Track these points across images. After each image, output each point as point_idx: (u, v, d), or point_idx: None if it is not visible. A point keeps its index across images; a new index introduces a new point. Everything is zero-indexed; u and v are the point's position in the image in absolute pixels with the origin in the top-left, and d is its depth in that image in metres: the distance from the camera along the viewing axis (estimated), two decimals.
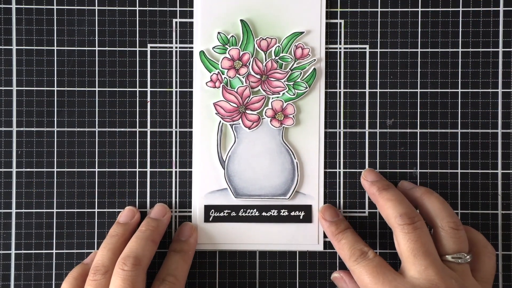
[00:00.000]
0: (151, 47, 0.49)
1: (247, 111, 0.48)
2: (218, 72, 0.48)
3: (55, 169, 0.49)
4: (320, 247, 0.49)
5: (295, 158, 0.48)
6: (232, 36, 0.48)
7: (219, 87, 0.48)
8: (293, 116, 0.48)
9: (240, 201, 0.48)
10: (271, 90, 0.48)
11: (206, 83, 0.48)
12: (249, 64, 0.48)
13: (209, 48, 0.48)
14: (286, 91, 0.48)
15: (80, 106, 0.49)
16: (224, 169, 0.48)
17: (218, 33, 0.48)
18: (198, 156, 0.48)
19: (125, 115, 0.49)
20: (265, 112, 0.48)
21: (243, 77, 0.48)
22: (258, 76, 0.48)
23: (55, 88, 0.49)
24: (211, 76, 0.48)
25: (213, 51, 0.48)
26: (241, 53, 0.48)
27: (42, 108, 0.49)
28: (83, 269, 0.46)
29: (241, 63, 0.48)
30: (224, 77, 0.48)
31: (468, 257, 0.43)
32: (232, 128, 0.48)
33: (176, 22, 0.49)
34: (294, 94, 0.48)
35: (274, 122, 0.48)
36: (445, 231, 0.43)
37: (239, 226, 0.48)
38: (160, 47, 0.49)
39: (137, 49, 0.49)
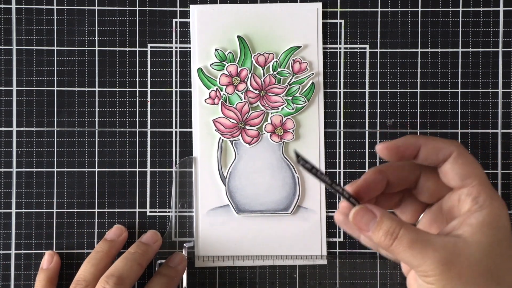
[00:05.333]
0: (151, 47, 0.49)
1: (247, 127, 0.48)
2: (217, 88, 0.48)
3: (55, 169, 0.49)
4: (323, 262, 0.49)
5: (296, 173, 0.48)
6: (230, 52, 0.48)
7: (218, 103, 0.48)
8: (293, 130, 0.48)
9: (242, 217, 0.48)
10: (270, 105, 0.48)
11: (205, 100, 0.48)
12: (247, 80, 0.48)
13: (207, 65, 0.48)
14: (285, 106, 0.48)
15: (80, 106, 0.49)
16: (225, 185, 0.48)
17: (216, 49, 0.48)
18: (199, 172, 0.48)
19: (125, 115, 0.49)
20: (265, 128, 0.48)
21: (241, 93, 0.48)
22: (257, 92, 0.48)
23: (55, 88, 0.49)
24: (209, 93, 0.48)
25: (211, 68, 0.48)
26: (239, 69, 0.48)
27: (42, 108, 0.49)
28: (47, 275, 0.46)
29: (239, 79, 0.48)
30: (223, 94, 0.48)
31: None
32: (232, 144, 0.48)
33: (176, 22, 0.49)
34: (293, 109, 0.48)
35: (274, 137, 0.48)
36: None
37: (240, 239, 0.48)
38: (160, 47, 0.49)
39: (137, 49, 0.49)
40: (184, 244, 0.48)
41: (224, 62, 0.48)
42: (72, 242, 0.48)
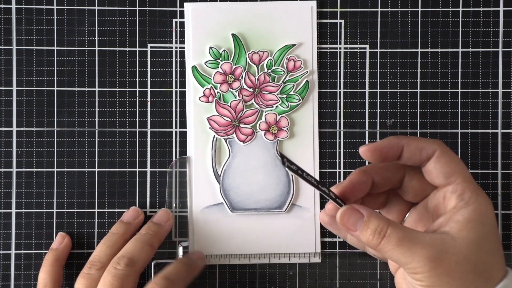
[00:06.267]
0: (151, 47, 0.49)
1: (241, 125, 0.48)
2: (211, 86, 0.48)
3: (55, 169, 0.49)
4: (317, 259, 0.49)
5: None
6: (224, 50, 0.48)
7: (212, 101, 0.48)
8: (287, 128, 0.48)
9: (236, 215, 0.48)
10: (264, 103, 0.48)
11: (199, 98, 0.48)
12: (242, 78, 0.48)
13: (201, 63, 0.48)
14: (280, 104, 0.48)
15: (80, 106, 0.49)
16: (219, 183, 0.48)
17: (210, 47, 0.48)
18: (193, 171, 0.48)
19: (125, 115, 0.49)
20: (259, 126, 0.48)
21: (236, 91, 0.48)
22: (251, 90, 0.48)
23: (55, 88, 0.49)
24: (204, 91, 0.48)
25: (205, 66, 0.48)
26: (234, 67, 0.48)
27: (42, 108, 0.49)
28: (54, 255, 0.46)
29: (233, 77, 0.48)
30: (217, 92, 0.48)
31: None
32: (226, 142, 0.48)
33: (176, 22, 0.49)
34: (287, 107, 0.48)
35: (268, 135, 0.48)
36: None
37: (235, 237, 0.48)
38: (160, 47, 0.49)
39: (137, 49, 0.49)
40: (180, 243, 0.48)
41: (218, 60, 0.48)
42: (72, 242, 0.48)
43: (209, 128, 0.48)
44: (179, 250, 0.48)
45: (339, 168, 0.49)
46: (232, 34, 0.48)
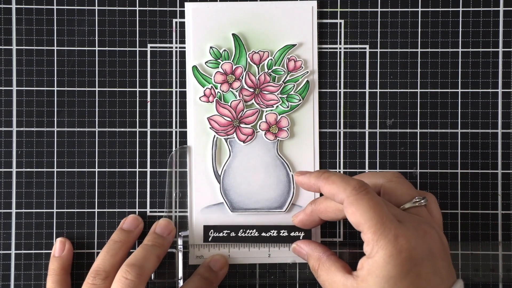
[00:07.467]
0: (151, 47, 0.49)
1: (241, 125, 0.48)
2: (211, 86, 0.48)
3: (55, 169, 0.49)
4: None
5: (290, 171, 0.48)
6: (225, 50, 0.48)
7: (213, 101, 0.48)
8: (287, 128, 0.48)
9: (236, 215, 0.48)
10: (264, 103, 0.48)
11: (200, 97, 0.48)
12: (242, 78, 0.48)
13: (202, 63, 0.48)
14: (280, 104, 0.48)
15: (80, 106, 0.49)
16: (219, 183, 0.48)
17: (211, 47, 0.48)
18: (193, 170, 0.48)
19: (125, 115, 0.49)
20: (259, 126, 0.48)
21: (236, 91, 0.48)
22: (252, 90, 0.48)
23: (55, 88, 0.49)
24: (204, 90, 0.48)
25: (205, 66, 0.48)
26: (234, 67, 0.48)
27: (42, 108, 0.49)
28: (60, 263, 0.46)
29: (234, 77, 0.48)
30: (218, 92, 0.48)
31: (423, 200, 0.40)
32: (226, 142, 0.48)
33: (176, 22, 0.49)
34: (287, 107, 0.48)
35: (268, 135, 0.48)
36: (394, 182, 0.41)
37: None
38: (160, 47, 0.49)
39: (137, 49, 0.49)
40: (180, 233, 0.48)
41: (219, 60, 0.48)
42: (72, 243, 0.48)
43: (210, 128, 0.48)
44: (179, 241, 0.48)
45: (339, 168, 0.49)
46: (233, 34, 0.48)
